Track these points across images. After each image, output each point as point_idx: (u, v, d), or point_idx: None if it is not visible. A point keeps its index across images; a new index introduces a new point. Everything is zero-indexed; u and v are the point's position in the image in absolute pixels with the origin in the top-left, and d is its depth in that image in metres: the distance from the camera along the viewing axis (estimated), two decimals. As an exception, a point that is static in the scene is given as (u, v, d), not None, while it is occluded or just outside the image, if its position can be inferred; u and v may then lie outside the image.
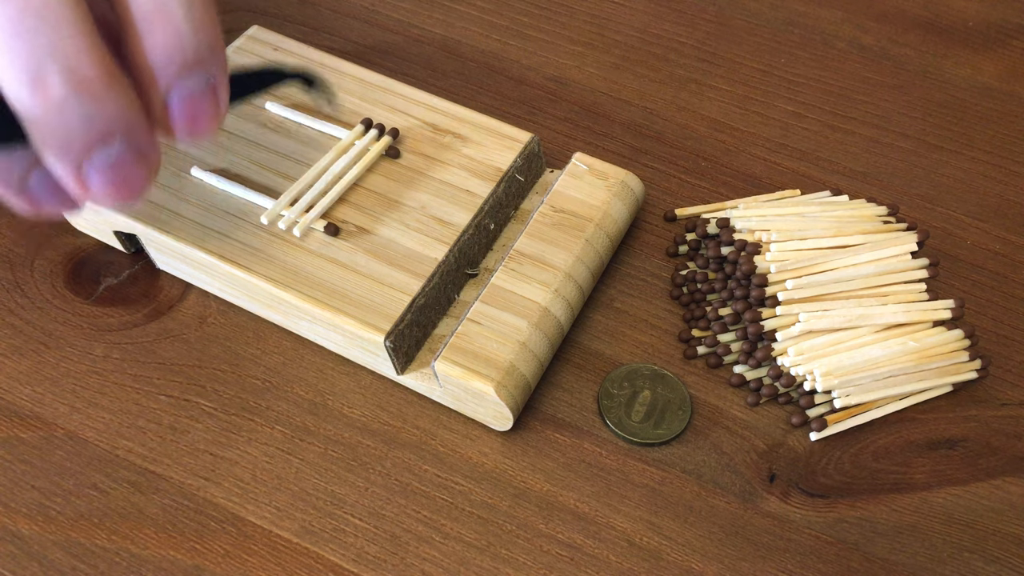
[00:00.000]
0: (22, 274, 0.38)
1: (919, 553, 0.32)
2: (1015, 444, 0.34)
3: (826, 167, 0.43)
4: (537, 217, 0.37)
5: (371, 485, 0.33)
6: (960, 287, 0.39)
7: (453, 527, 0.32)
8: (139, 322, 0.37)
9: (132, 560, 0.31)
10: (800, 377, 0.34)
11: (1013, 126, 0.45)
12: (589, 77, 0.47)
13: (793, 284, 0.34)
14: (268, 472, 0.33)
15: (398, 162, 0.38)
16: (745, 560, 0.31)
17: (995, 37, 0.50)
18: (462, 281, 0.36)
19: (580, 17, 0.50)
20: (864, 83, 0.47)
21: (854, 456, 0.34)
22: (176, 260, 0.36)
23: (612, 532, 0.32)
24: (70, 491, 0.32)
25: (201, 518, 0.32)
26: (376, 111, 0.39)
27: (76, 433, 0.34)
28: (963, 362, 0.35)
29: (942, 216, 0.41)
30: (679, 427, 0.34)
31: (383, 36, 0.48)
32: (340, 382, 0.35)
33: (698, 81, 0.47)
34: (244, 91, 0.25)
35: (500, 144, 0.38)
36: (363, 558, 0.31)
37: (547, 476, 0.33)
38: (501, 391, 0.32)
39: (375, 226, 0.36)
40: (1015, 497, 0.33)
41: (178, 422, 0.34)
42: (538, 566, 0.31)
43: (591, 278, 0.36)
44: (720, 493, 0.33)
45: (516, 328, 0.33)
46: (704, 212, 0.40)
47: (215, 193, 0.36)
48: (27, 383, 0.35)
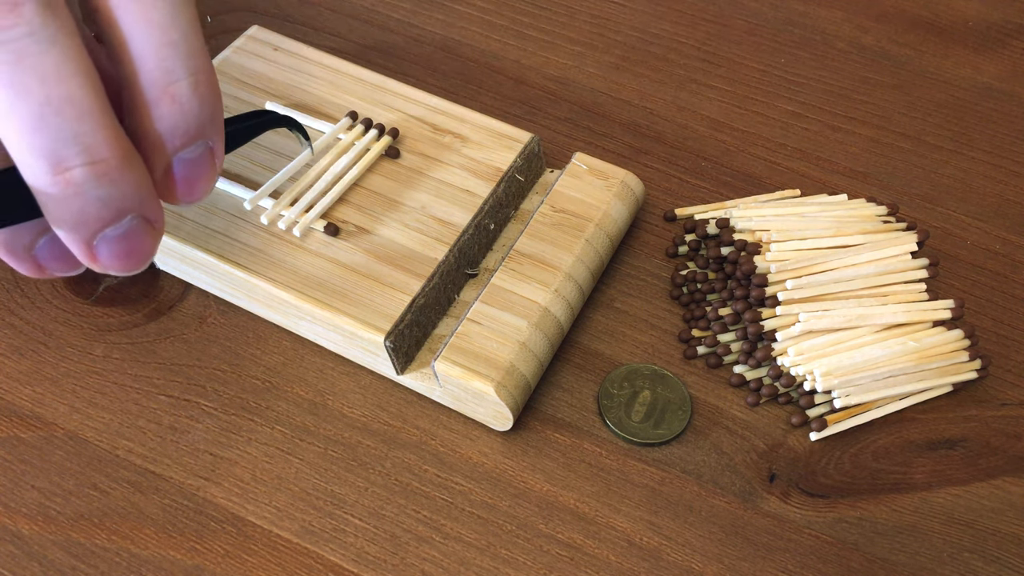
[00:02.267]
0: (22, 274, 0.38)
1: (919, 553, 0.32)
2: (1015, 444, 0.34)
3: (826, 167, 0.43)
4: (537, 217, 0.37)
5: (371, 485, 0.33)
6: (960, 287, 0.39)
7: (453, 527, 0.32)
8: (139, 322, 0.37)
9: (132, 560, 0.31)
10: (800, 377, 0.34)
11: (1013, 126, 0.45)
12: (589, 77, 0.47)
13: (793, 284, 0.34)
14: (268, 472, 0.33)
15: (398, 162, 0.38)
16: (745, 560, 0.31)
17: (995, 37, 0.50)
18: (462, 281, 0.36)
19: (580, 17, 0.50)
20: (864, 83, 0.47)
21: (854, 456, 0.34)
22: (176, 260, 0.36)
23: (612, 532, 0.32)
24: (70, 491, 0.32)
25: (201, 518, 0.32)
26: (376, 111, 0.39)
27: (76, 433, 0.34)
28: (963, 362, 0.35)
29: (942, 216, 0.41)
30: (679, 427, 0.34)
31: (383, 36, 0.48)
32: (340, 382, 0.35)
33: (698, 81, 0.47)
34: (234, 143, 0.26)
35: (500, 144, 0.38)
36: (363, 558, 0.31)
37: (547, 476, 0.33)
38: (501, 391, 0.32)
39: (375, 226, 0.36)
40: (1015, 497, 0.33)
41: (178, 422, 0.34)
42: (538, 566, 0.31)
43: (591, 278, 0.36)
44: (720, 493, 0.33)
45: (516, 328, 0.33)
46: (704, 212, 0.40)
47: (215, 193, 0.36)
48: (27, 383, 0.35)
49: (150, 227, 0.21)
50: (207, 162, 0.22)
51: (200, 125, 0.21)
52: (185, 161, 0.21)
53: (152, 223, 0.21)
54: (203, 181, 0.22)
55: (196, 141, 0.21)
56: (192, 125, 0.21)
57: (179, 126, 0.21)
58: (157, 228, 0.21)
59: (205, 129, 0.21)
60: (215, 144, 0.22)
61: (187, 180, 0.22)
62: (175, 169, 0.21)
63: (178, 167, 0.21)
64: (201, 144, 0.21)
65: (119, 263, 0.21)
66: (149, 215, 0.21)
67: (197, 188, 0.22)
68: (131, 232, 0.21)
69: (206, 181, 0.22)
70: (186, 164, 0.21)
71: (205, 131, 0.21)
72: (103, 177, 0.19)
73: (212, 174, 0.22)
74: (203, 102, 0.21)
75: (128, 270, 0.21)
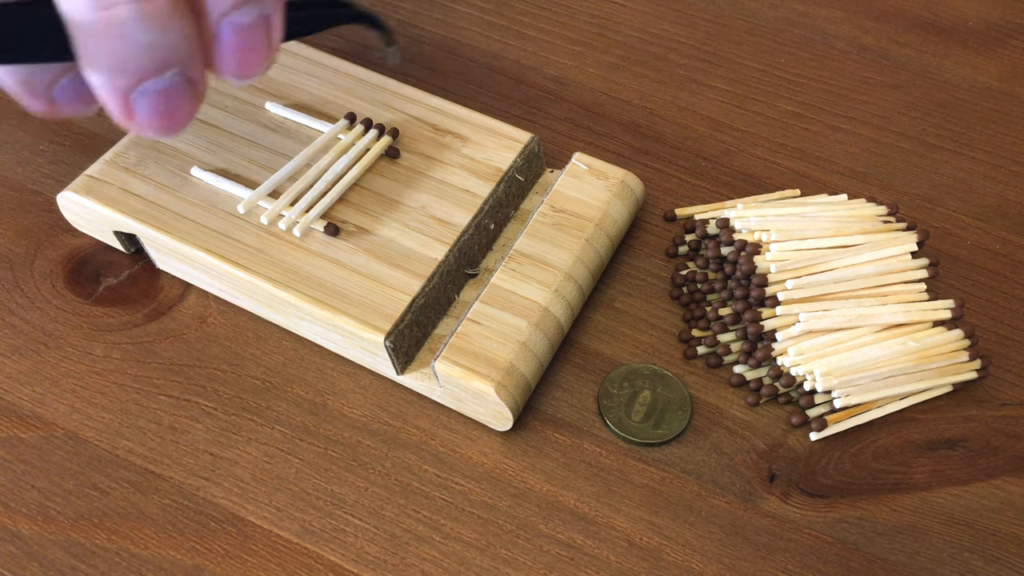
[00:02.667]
0: (22, 274, 0.38)
1: (919, 553, 0.32)
2: (1015, 444, 0.34)
3: (826, 167, 0.43)
4: (537, 217, 0.37)
5: (371, 485, 0.33)
6: (960, 287, 0.39)
7: (453, 527, 0.32)
8: (139, 322, 0.37)
9: (132, 560, 0.31)
10: (800, 377, 0.34)
11: (1013, 126, 0.45)
12: (589, 77, 0.47)
13: (793, 284, 0.34)
14: (268, 472, 0.33)
15: (398, 162, 0.38)
16: (745, 560, 0.31)
17: (995, 37, 0.50)
18: (462, 281, 0.36)
19: (580, 17, 0.50)
20: (864, 83, 0.47)
21: (854, 456, 0.34)
22: (176, 260, 0.36)
23: (612, 532, 0.32)
24: (70, 491, 0.32)
25: (201, 518, 0.32)
26: (376, 111, 0.39)
27: (76, 433, 0.34)
28: (963, 362, 0.35)
29: (942, 216, 0.41)
30: (679, 427, 0.34)
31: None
32: (340, 382, 0.35)
33: (698, 81, 0.47)
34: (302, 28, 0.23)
35: (500, 144, 0.38)
36: (363, 558, 0.31)
37: (547, 476, 0.33)
38: (501, 391, 0.32)
39: (375, 226, 0.36)
40: (1015, 497, 0.33)
41: (178, 422, 0.34)
42: (538, 566, 0.31)
43: (591, 278, 0.36)
44: (720, 493, 0.33)
45: (516, 328, 0.33)
46: (704, 212, 0.40)
47: (215, 193, 0.36)
48: (27, 383, 0.35)
49: (193, 88, 0.19)
50: (261, 33, 0.20)
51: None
52: (236, 26, 0.19)
53: (195, 84, 0.19)
54: (254, 54, 0.20)
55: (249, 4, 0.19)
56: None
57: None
58: (199, 91, 0.19)
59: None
60: (272, 15, 0.20)
61: (237, 49, 0.19)
62: (223, 33, 0.19)
63: (227, 32, 0.19)
64: (254, 10, 0.19)
65: (157, 122, 0.19)
66: (193, 74, 0.19)
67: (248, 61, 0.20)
68: (173, 89, 0.19)
69: (258, 55, 0.20)
70: (237, 30, 0.19)
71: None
72: (151, 20, 0.17)
73: (266, 49, 0.20)
74: None
75: (165, 132, 0.19)
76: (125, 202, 0.36)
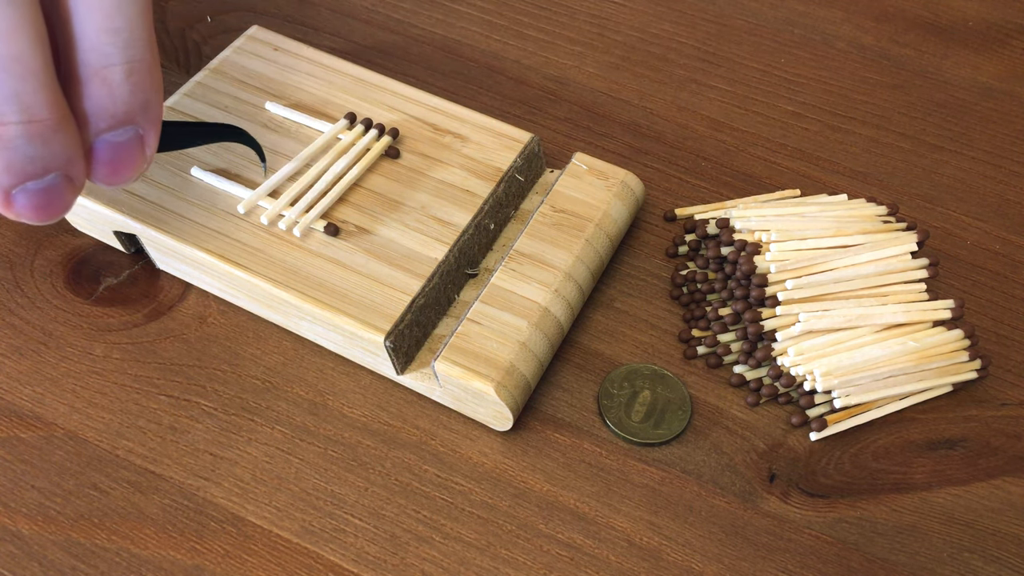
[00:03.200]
0: (22, 274, 0.38)
1: (919, 553, 0.32)
2: (1015, 444, 0.34)
3: (826, 167, 0.43)
4: (537, 217, 0.37)
5: (371, 485, 0.33)
6: (960, 287, 0.39)
7: (453, 527, 0.32)
8: (139, 322, 0.37)
9: (132, 560, 0.31)
10: (800, 377, 0.34)
11: (1013, 126, 0.45)
12: (589, 77, 0.47)
13: (793, 284, 0.34)
14: (268, 472, 0.33)
15: (398, 162, 0.38)
16: (745, 560, 0.31)
17: (995, 37, 0.50)
18: (462, 281, 0.36)
19: (580, 17, 0.50)
20: (864, 83, 0.47)
21: (854, 456, 0.34)
22: (176, 260, 0.36)
23: (612, 532, 0.32)
24: (70, 491, 0.32)
25: (201, 518, 0.32)
26: (376, 111, 0.39)
27: (76, 433, 0.34)
28: (963, 362, 0.35)
29: (942, 216, 0.41)
30: (679, 427, 0.34)
31: (383, 36, 0.48)
32: (340, 382, 0.35)
33: (698, 81, 0.47)
34: (179, 144, 0.25)
35: (500, 144, 0.38)
36: (363, 558, 0.31)
37: (547, 476, 0.33)
38: (501, 391, 0.32)
39: (375, 226, 0.36)
40: (1015, 497, 0.33)
41: (178, 422, 0.34)
42: (538, 566, 0.31)
43: (591, 278, 0.36)
44: (720, 493, 0.33)
45: (516, 328, 0.33)
46: (704, 212, 0.40)
47: (215, 193, 0.36)
48: (27, 383, 0.35)
49: (71, 184, 0.21)
50: (134, 149, 0.22)
51: (129, 111, 0.21)
52: (108, 143, 0.22)
53: (73, 181, 0.21)
54: (126, 166, 0.22)
55: (123, 126, 0.21)
56: (120, 110, 0.21)
57: (106, 108, 0.21)
58: (77, 185, 0.21)
59: (134, 116, 0.21)
60: (146, 133, 0.22)
61: (108, 163, 0.22)
62: (99, 148, 0.22)
63: (101, 148, 0.22)
64: (129, 130, 0.22)
65: (33, 214, 0.21)
66: (72, 174, 0.21)
67: (119, 172, 0.22)
68: (52, 187, 0.21)
69: (129, 167, 0.22)
70: (109, 147, 0.22)
71: (134, 118, 0.22)
72: (36, 137, 0.20)
73: (138, 162, 0.22)
74: (135, 90, 0.21)
75: (41, 221, 0.21)
76: (125, 202, 0.36)
